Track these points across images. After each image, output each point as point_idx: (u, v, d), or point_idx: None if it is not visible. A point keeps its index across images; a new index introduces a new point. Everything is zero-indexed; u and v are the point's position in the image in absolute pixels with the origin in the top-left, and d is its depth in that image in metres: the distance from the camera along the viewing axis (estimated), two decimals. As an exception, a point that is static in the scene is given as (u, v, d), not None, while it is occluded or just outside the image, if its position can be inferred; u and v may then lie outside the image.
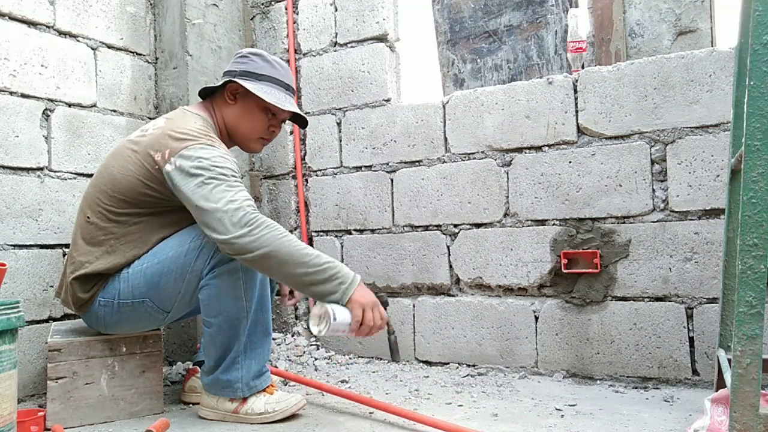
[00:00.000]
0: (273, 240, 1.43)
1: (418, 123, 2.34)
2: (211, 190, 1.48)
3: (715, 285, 1.83)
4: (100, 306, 1.63)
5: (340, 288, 1.46)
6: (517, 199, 2.13)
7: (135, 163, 1.60)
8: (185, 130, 1.59)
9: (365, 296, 1.48)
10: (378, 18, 2.45)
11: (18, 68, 1.92)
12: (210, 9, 2.50)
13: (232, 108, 1.72)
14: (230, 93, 1.71)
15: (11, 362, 1.31)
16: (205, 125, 1.65)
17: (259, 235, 1.43)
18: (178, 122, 1.63)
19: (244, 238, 1.43)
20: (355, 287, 1.48)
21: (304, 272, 1.44)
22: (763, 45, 1.07)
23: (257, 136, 1.75)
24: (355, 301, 1.46)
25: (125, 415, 1.68)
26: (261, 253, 1.43)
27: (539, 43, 2.37)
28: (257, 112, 1.72)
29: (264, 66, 1.71)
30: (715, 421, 1.30)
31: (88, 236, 1.64)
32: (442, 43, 2.64)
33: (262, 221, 1.45)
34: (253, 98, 1.69)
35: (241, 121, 1.72)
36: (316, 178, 2.58)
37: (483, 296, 2.20)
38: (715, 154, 1.84)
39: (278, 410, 1.60)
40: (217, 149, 1.56)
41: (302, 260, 1.44)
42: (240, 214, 1.45)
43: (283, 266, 1.44)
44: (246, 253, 1.44)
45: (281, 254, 1.43)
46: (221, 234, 1.44)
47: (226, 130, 1.75)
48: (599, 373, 1.98)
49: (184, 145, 1.54)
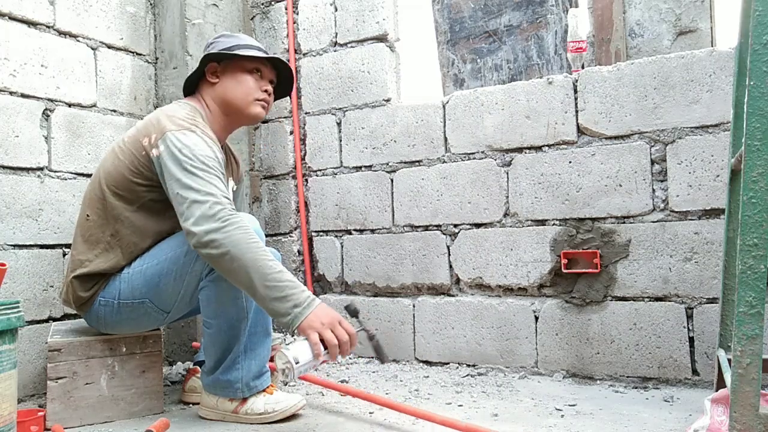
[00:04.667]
0: (241, 242, 1.40)
1: (418, 123, 2.34)
2: (190, 178, 1.47)
3: (715, 285, 1.83)
4: (101, 306, 1.63)
5: (293, 311, 1.37)
6: (517, 199, 2.13)
7: (125, 152, 1.62)
8: (172, 116, 1.60)
9: (323, 318, 1.38)
10: (378, 18, 2.45)
11: (18, 68, 1.92)
12: (210, 9, 2.50)
13: (219, 85, 1.72)
14: (211, 73, 1.72)
15: (11, 362, 1.31)
16: (193, 112, 1.65)
17: (228, 233, 1.40)
18: (166, 110, 1.65)
19: (213, 233, 1.40)
20: (310, 311, 1.38)
21: (263, 284, 1.38)
22: (763, 45, 1.07)
23: (253, 98, 1.73)
24: (308, 326, 1.37)
25: (125, 415, 1.68)
26: (225, 252, 1.39)
27: (539, 43, 2.37)
28: (243, 76, 1.71)
29: (230, 40, 1.74)
30: (715, 421, 1.30)
31: (87, 234, 1.65)
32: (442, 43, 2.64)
33: (236, 220, 1.43)
34: (234, 65, 1.70)
35: (232, 91, 1.71)
36: (316, 178, 2.58)
37: (483, 296, 2.20)
38: (715, 154, 1.84)
39: (278, 410, 1.60)
40: (201, 137, 1.55)
41: (264, 271, 1.38)
42: (216, 208, 1.43)
43: (243, 271, 1.39)
44: (211, 249, 1.41)
45: (245, 259, 1.39)
46: (192, 225, 1.43)
47: (221, 111, 1.73)
48: (599, 373, 1.98)
49: (169, 129, 1.55)
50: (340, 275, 2.51)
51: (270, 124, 2.70)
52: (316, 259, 2.58)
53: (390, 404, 1.61)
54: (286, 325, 1.39)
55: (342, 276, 2.50)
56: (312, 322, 1.37)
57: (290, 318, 1.38)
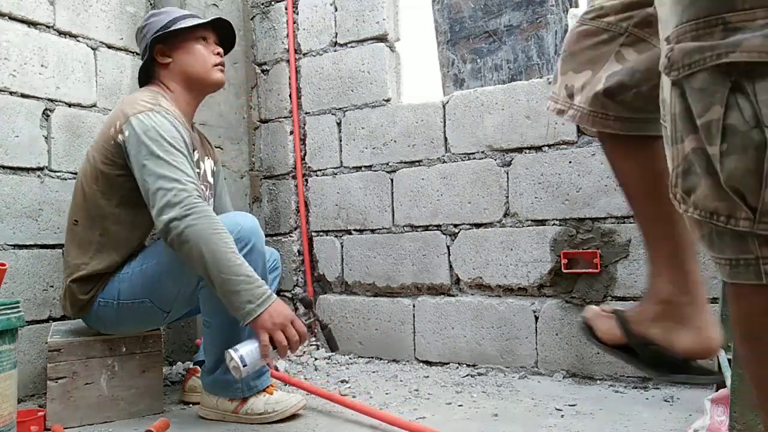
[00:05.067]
0: (202, 231, 1.40)
1: (418, 123, 2.34)
2: (156, 164, 1.48)
3: (715, 285, 1.83)
4: (100, 306, 1.63)
5: (246, 306, 1.38)
6: (517, 199, 2.13)
7: (97, 149, 1.64)
8: (133, 101, 1.61)
9: (275, 318, 1.39)
10: (378, 18, 2.44)
11: (18, 68, 1.92)
12: (210, 9, 2.50)
13: (173, 64, 1.72)
14: (161, 55, 1.72)
15: (11, 362, 1.31)
16: (154, 95, 1.65)
17: (191, 221, 1.40)
18: (127, 97, 1.68)
19: (176, 221, 1.41)
20: (264, 309, 1.38)
21: (219, 276, 1.39)
22: (763, 45, 1.07)
23: (211, 64, 1.74)
24: (260, 326, 1.38)
25: (125, 415, 1.68)
26: (185, 240, 1.40)
27: (539, 43, 2.36)
28: (193, 47, 1.72)
29: (162, 17, 1.73)
30: (715, 421, 1.30)
31: (77, 239, 1.65)
32: (442, 43, 2.64)
33: (201, 209, 1.43)
34: (180, 40, 1.71)
35: (189, 65, 1.72)
36: (316, 178, 2.58)
37: (483, 296, 2.20)
38: (715, 154, 1.83)
39: (278, 410, 1.60)
40: (164, 116, 1.56)
41: (223, 263, 1.39)
42: (182, 195, 1.43)
43: (203, 260, 1.39)
44: (173, 237, 1.41)
45: (204, 249, 1.39)
46: (157, 213, 1.43)
47: (184, 87, 1.73)
48: (599, 373, 1.98)
49: (132, 113, 1.55)
50: (340, 275, 2.51)
51: (270, 124, 2.70)
52: (316, 259, 2.58)
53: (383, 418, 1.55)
54: (240, 319, 1.40)
55: (342, 276, 2.50)
56: (264, 321, 1.38)
57: (243, 313, 1.39)
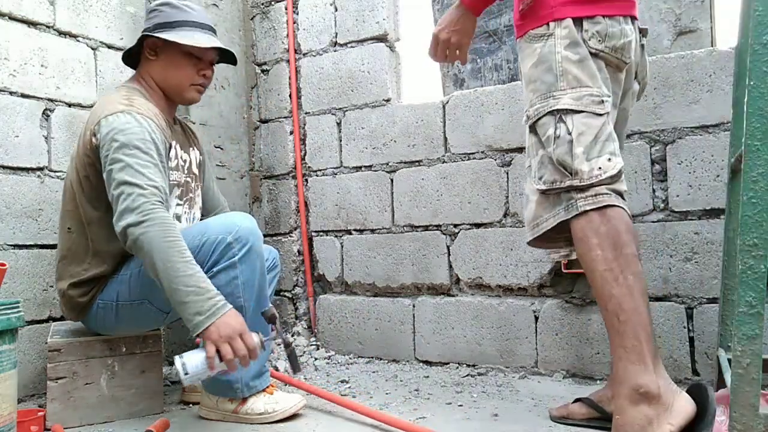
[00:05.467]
0: (155, 239, 1.37)
1: (418, 123, 2.34)
2: (120, 169, 1.45)
3: (715, 285, 1.83)
4: (99, 308, 1.63)
5: (195, 318, 1.35)
6: (517, 199, 2.13)
7: (78, 153, 1.61)
8: (106, 101, 1.59)
9: (222, 330, 1.35)
10: (378, 18, 2.45)
11: (18, 68, 1.92)
12: (210, 9, 2.50)
13: (156, 63, 1.68)
14: (150, 49, 1.67)
15: (11, 362, 1.31)
16: (130, 92, 1.62)
17: (145, 228, 1.38)
18: (103, 97, 1.64)
19: (131, 227, 1.39)
20: (212, 322, 1.35)
21: (170, 286, 1.37)
22: (763, 45, 1.07)
23: (189, 83, 1.70)
24: (207, 337, 1.35)
25: (125, 415, 1.68)
26: (140, 247, 1.38)
27: (539, 43, 2.36)
28: (181, 60, 1.67)
29: (174, 13, 1.66)
30: (715, 421, 1.30)
31: (73, 246, 1.64)
32: (442, 43, 2.64)
33: (157, 216, 1.40)
34: (173, 47, 1.64)
35: (169, 74, 1.68)
36: (316, 178, 2.58)
37: (483, 296, 2.20)
38: (715, 154, 1.83)
39: (278, 410, 1.60)
40: (133, 116, 1.52)
41: (172, 273, 1.36)
42: (139, 201, 1.41)
43: (155, 268, 1.38)
44: (130, 243, 1.40)
45: (158, 257, 1.37)
46: (116, 218, 1.42)
47: (159, 89, 1.70)
48: (599, 373, 1.98)
49: (103, 115, 1.53)
50: (340, 275, 2.51)
51: (270, 124, 2.70)
52: (316, 259, 2.58)
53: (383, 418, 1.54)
54: (190, 330, 1.38)
55: (342, 276, 2.50)
56: (211, 333, 1.35)
57: (191, 325, 1.36)
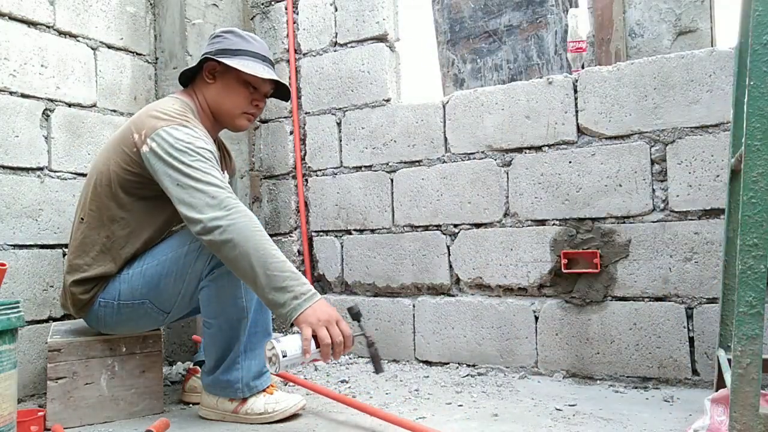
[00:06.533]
0: (245, 229, 1.39)
1: (418, 123, 2.34)
2: (189, 169, 1.46)
3: (715, 285, 1.83)
4: (101, 307, 1.63)
5: (292, 303, 1.35)
6: (517, 199, 2.13)
7: (117, 151, 1.61)
8: (162, 110, 1.58)
9: (320, 314, 1.35)
10: (378, 18, 2.45)
11: (18, 68, 1.92)
12: (210, 9, 2.50)
13: (213, 87, 1.70)
14: (209, 72, 1.69)
15: (11, 362, 1.31)
16: (184, 107, 1.63)
17: (233, 219, 1.39)
18: (157, 105, 1.64)
19: (218, 220, 1.39)
20: (309, 305, 1.35)
21: (264, 273, 1.36)
22: (763, 45, 1.07)
23: (240, 111, 1.72)
24: (303, 320, 1.34)
25: (125, 415, 1.68)
26: (229, 239, 1.38)
27: (539, 43, 2.37)
28: (238, 87, 1.69)
29: (238, 41, 1.69)
30: (715, 421, 1.30)
31: (82, 237, 1.64)
32: (442, 43, 2.64)
33: (241, 208, 1.43)
34: (232, 73, 1.67)
35: (223, 99, 1.70)
36: (316, 178, 2.58)
37: (483, 296, 2.20)
38: (715, 154, 1.84)
39: (278, 410, 1.60)
40: (192, 129, 1.54)
41: (266, 260, 1.37)
42: (222, 195, 1.43)
43: (245, 259, 1.37)
44: (215, 236, 1.39)
45: (248, 246, 1.37)
46: (197, 212, 1.42)
47: (210, 112, 1.72)
48: (599, 373, 1.98)
49: (160, 125, 1.53)
50: (340, 275, 2.51)
51: (270, 124, 2.70)
52: (316, 259, 2.58)
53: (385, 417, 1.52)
54: (283, 317, 1.37)
55: (342, 276, 2.50)
56: (308, 316, 1.34)
57: (288, 310, 1.35)
